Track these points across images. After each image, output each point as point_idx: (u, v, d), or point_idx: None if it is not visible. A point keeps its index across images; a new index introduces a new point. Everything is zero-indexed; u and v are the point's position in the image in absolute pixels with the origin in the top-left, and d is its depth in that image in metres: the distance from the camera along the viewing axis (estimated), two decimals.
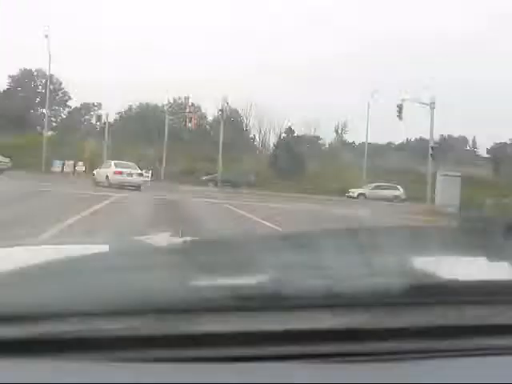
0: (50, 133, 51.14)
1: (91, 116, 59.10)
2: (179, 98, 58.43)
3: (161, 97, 57.94)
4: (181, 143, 47.26)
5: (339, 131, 59.71)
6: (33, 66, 58.63)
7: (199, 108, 57.38)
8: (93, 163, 36.64)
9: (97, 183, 29.33)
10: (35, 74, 59.07)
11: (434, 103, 33.80)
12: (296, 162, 44.57)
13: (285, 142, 50.30)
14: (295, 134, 51.90)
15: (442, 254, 1.24)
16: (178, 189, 29.40)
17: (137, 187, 27.86)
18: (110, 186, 27.32)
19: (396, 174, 41.46)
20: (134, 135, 48.36)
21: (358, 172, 44.33)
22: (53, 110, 58.61)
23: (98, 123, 52.27)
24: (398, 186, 41.25)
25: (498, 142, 55.45)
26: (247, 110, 58.05)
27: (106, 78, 75.91)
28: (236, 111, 56.72)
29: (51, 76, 55.00)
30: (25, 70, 59.08)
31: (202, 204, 19.77)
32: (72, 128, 55.41)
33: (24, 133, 46.16)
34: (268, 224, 12.81)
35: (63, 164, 42.57)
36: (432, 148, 33.01)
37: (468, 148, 65.12)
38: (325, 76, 76.42)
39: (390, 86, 65.96)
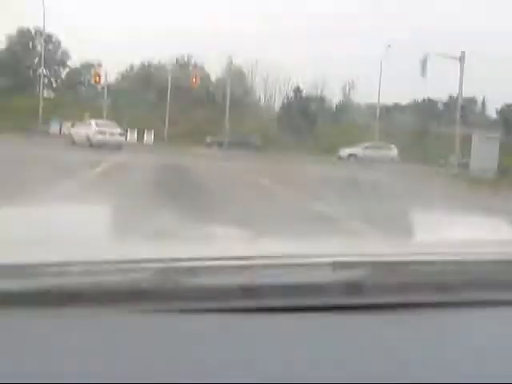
0: (51, 94, 50.19)
1: (91, 76, 57.76)
2: (182, 58, 57.03)
3: (163, 56, 56.44)
4: (184, 104, 45.93)
5: (347, 91, 58.32)
6: (30, 25, 57.06)
7: (202, 68, 55.92)
8: None
9: (73, 143, 28.15)
10: (33, 33, 57.57)
11: (464, 54, 30.33)
12: (303, 123, 43.07)
13: (292, 102, 48.58)
14: (303, 94, 50.11)
15: (444, 212, 1.26)
16: (184, 152, 28.10)
17: (118, 147, 26.81)
18: (91, 146, 26.48)
19: (408, 135, 39.88)
20: (136, 95, 46.90)
21: (367, 133, 42.69)
22: (52, 70, 57.37)
23: (99, 83, 50.86)
24: (392, 146, 37.40)
25: (509, 103, 53.79)
26: (252, 69, 56.64)
27: (106, 37, 74.21)
28: (240, 71, 55.20)
29: (50, 36, 53.76)
30: (22, 29, 57.47)
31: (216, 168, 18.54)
32: (72, 88, 54.22)
33: (24, 94, 45.05)
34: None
35: (61, 125, 41.09)
36: (462, 108, 30.51)
37: (478, 109, 63.82)
38: (332, 31, 74.37)
39: (401, 42, 63.92)
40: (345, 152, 36.96)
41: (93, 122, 29.34)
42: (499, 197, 13.32)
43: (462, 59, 29.88)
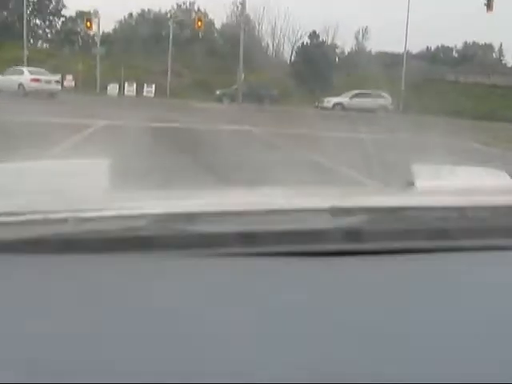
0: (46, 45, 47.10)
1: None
2: (184, 3, 52.82)
3: (164, 2, 52.33)
4: (187, 54, 42.03)
5: (360, 38, 54.20)
6: None
7: (206, 14, 51.78)
8: (86, 76, 32.24)
9: None
10: None
11: None
12: (319, 71, 38.99)
13: (308, 48, 44.10)
14: (320, 40, 45.58)
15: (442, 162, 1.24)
16: (189, 108, 24.34)
17: (52, 95, 26.24)
18: (25, 94, 25.81)
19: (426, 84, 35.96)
20: (135, 45, 42.89)
21: (393, 84, 38.63)
22: (47, 20, 53.59)
23: (95, 32, 46.93)
24: (384, 94, 32.41)
25: None
26: (259, 14, 52.48)
27: None
28: (247, 16, 51.03)
29: None
30: None
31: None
32: (68, 39, 50.55)
33: (18, 45, 41.67)
34: None
35: None
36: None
37: (494, 56, 59.84)
38: None
39: None
40: (329, 101, 32.75)
41: (25, 69, 28.99)
42: None
43: None
